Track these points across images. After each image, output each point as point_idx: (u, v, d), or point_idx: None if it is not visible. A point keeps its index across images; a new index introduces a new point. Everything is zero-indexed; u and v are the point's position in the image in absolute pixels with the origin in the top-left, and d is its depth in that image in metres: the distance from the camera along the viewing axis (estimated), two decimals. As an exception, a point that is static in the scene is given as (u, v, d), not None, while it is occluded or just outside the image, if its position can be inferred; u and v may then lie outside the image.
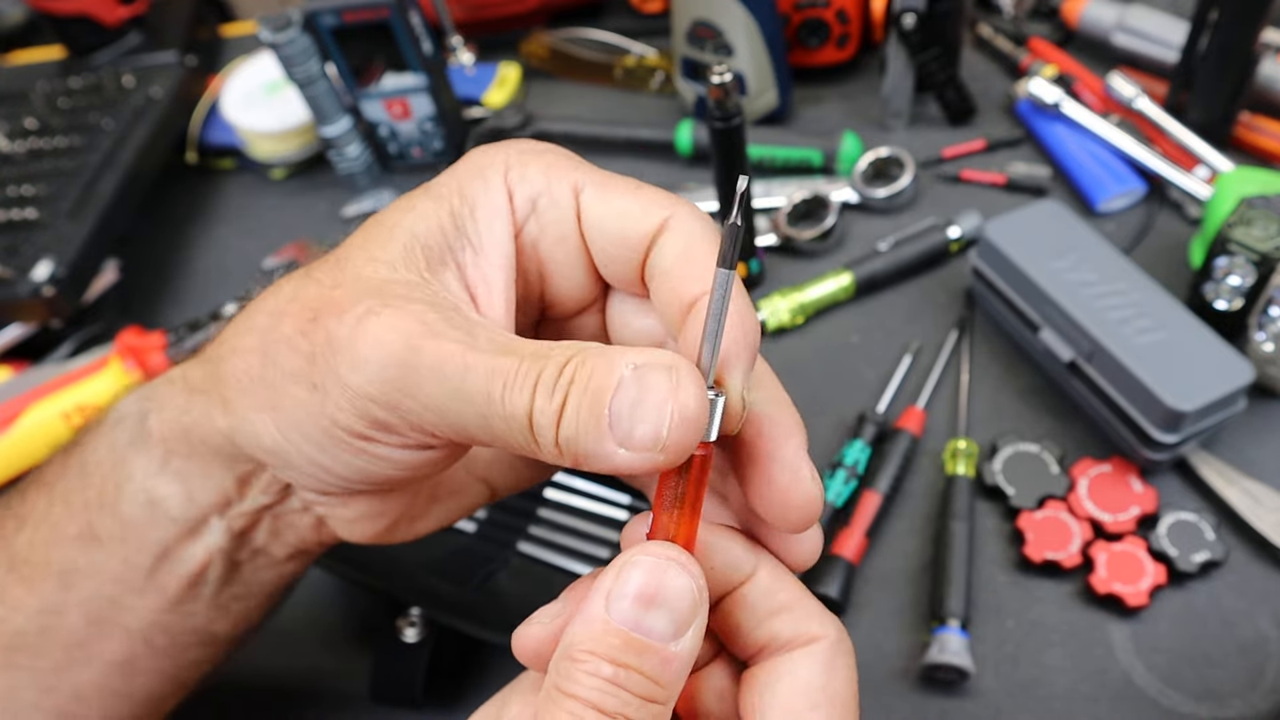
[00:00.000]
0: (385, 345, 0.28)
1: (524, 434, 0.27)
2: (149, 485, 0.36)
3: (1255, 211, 0.59)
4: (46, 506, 0.38)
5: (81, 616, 0.38)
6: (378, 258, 0.31)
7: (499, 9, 0.97)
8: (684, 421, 0.26)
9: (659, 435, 0.26)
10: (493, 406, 0.27)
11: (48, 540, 0.38)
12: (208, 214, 0.90)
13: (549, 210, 0.32)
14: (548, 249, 0.32)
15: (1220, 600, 0.55)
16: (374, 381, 0.29)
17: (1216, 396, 0.55)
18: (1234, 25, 0.69)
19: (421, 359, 0.28)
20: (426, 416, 0.29)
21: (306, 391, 0.30)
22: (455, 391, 0.28)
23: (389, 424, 0.30)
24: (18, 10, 1.15)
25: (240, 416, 0.33)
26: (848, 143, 0.79)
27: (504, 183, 0.32)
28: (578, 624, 0.26)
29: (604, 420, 0.26)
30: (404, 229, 0.31)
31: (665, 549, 0.27)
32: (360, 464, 0.32)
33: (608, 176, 0.32)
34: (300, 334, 0.31)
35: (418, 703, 0.53)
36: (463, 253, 0.31)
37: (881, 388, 0.67)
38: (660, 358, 0.26)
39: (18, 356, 0.77)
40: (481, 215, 0.32)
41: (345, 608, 0.60)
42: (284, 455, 0.33)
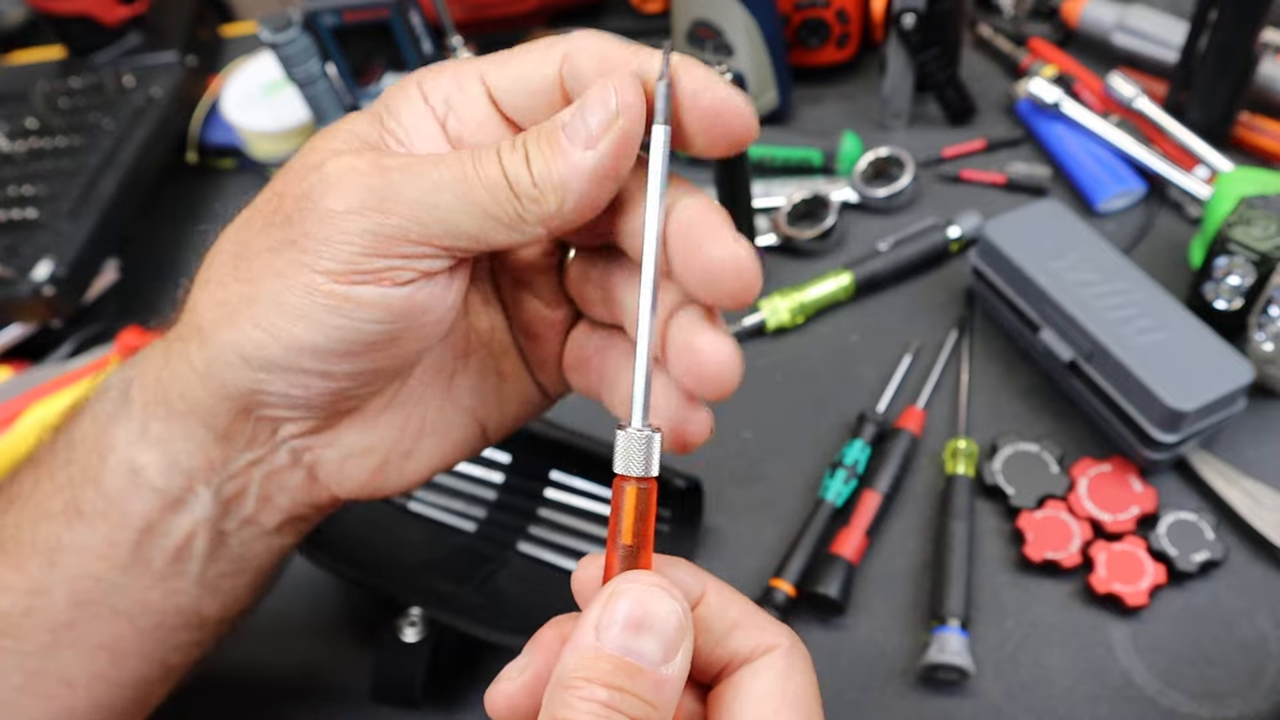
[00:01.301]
0: (355, 166, 0.30)
1: (505, 195, 0.29)
2: (130, 455, 0.36)
3: (1255, 211, 0.59)
4: (33, 484, 0.38)
5: (67, 596, 0.38)
6: (319, 147, 0.32)
7: (499, 9, 0.97)
8: (624, 81, 0.29)
9: (610, 106, 0.29)
10: (471, 182, 0.30)
11: (33, 518, 0.38)
12: (208, 214, 0.90)
13: (462, 103, 0.33)
14: (471, 137, 0.33)
15: (1220, 600, 0.55)
16: (357, 196, 0.30)
17: (1216, 396, 0.55)
18: (1234, 25, 0.69)
19: (392, 168, 0.30)
20: (414, 215, 0.30)
21: (285, 253, 0.31)
22: (433, 183, 0.30)
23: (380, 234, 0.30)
24: (18, 10, 1.15)
25: (216, 340, 0.33)
26: (848, 143, 0.79)
27: (419, 92, 0.33)
28: (569, 654, 0.27)
29: (561, 139, 0.29)
30: (341, 130, 0.33)
31: (648, 576, 0.28)
32: (344, 323, 0.31)
33: (506, 52, 0.33)
34: (273, 212, 0.32)
35: (418, 703, 0.53)
36: (397, 147, 0.33)
37: (881, 388, 0.67)
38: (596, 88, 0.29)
39: (18, 356, 0.77)
40: (408, 120, 0.33)
41: (345, 608, 0.60)
42: (264, 353, 0.32)
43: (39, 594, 0.38)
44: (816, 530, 0.59)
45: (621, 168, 0.30)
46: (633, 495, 0.29)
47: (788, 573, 0.57)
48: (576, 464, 0.62)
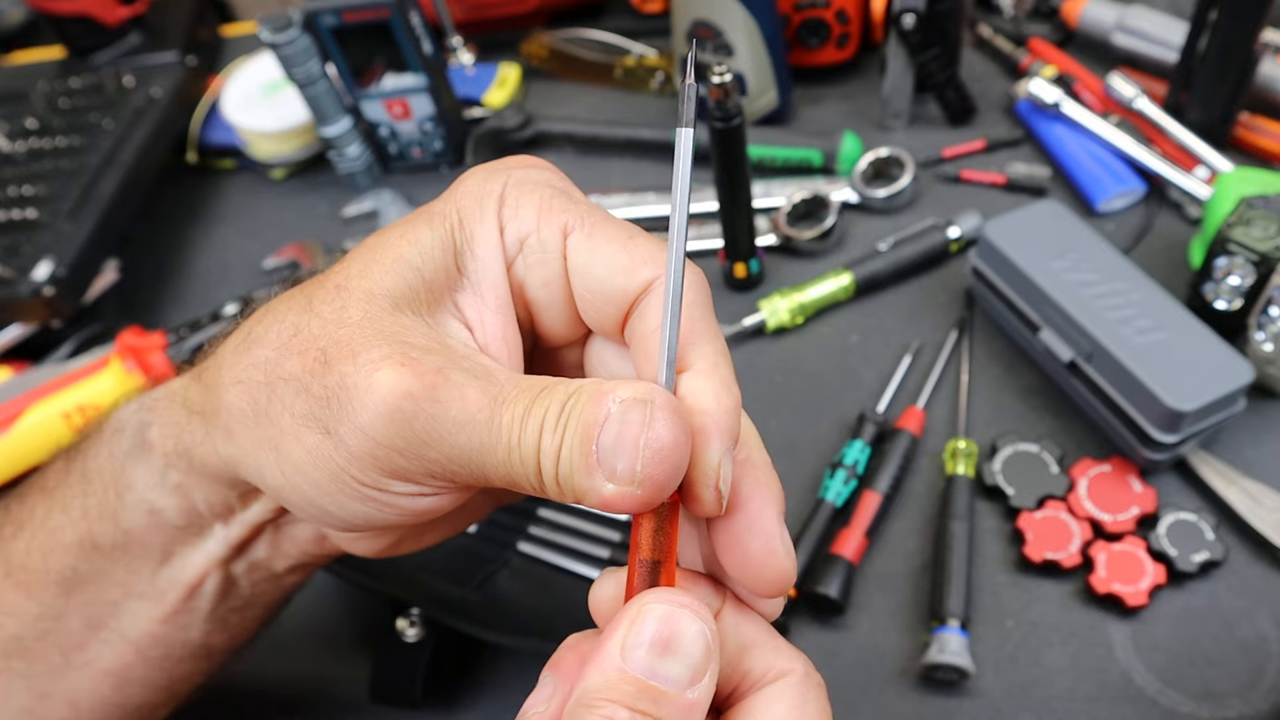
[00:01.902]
0: (410, 395, 0.28)
1: (535, 474, 0.28)
2: (149, 496, 0.36)
3: (1255, 211, 0.59)
4: (45, 513, 0.38)
5: (81, 621, 0.38)
6: (377, 294, 0.30)
7: (499, 9, 0.97)
8: (656, 455, 0.26)
9: (633, 470, 0.26)
10: (510, 453, 0.28)
11: (45, 547, 0.38)
12: (208, 214, 0.90)
13: (535, 252, 0.31)
14: (534, 290, 0.32)
15: (1220, 600, 0.55)
16: (397, 432, 0.28)
17: (1216, 396, 0.55)
18: (1234, 25, 0.69)
19: (447, 412, 0.28)
20: (449, 467, 0.29)
21: (317, 436, 0.30)
22: (480, 443, 0.28)
23: (407, 473, 0.29)
24: (18, 10, 1.15)
25: (243, 450, 0.32)
26: (848, 143, 0.79)
27: (497, 217, 0.32)
28: (593, 674, 0.26)
29: (591, 456, 0.27)
30: (405, 263, 0.31)
31: (676, 595, 0.27)
32: (367, 511, 0.31)
33: (600, 221, 0.31)
34: (309, 374, 0.30)
35: (418, 703, 0.53)
36: (460, 292, 0.31)
37: (881, 388, 0.67)
38: (641, 391, 0.27)
39: (18, 356, 0.77)
40: (480, 252, 0.31)
41: (345, 608, 0.60)
42: (285, 496, 0.32)
43: (53, 619, 0.38)
44: (816, 530, 0.59)
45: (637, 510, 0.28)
46: (652, 511, 0.28)
47: (788, 573, 0.57)
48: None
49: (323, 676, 0.57)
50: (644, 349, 0.30)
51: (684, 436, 0.27)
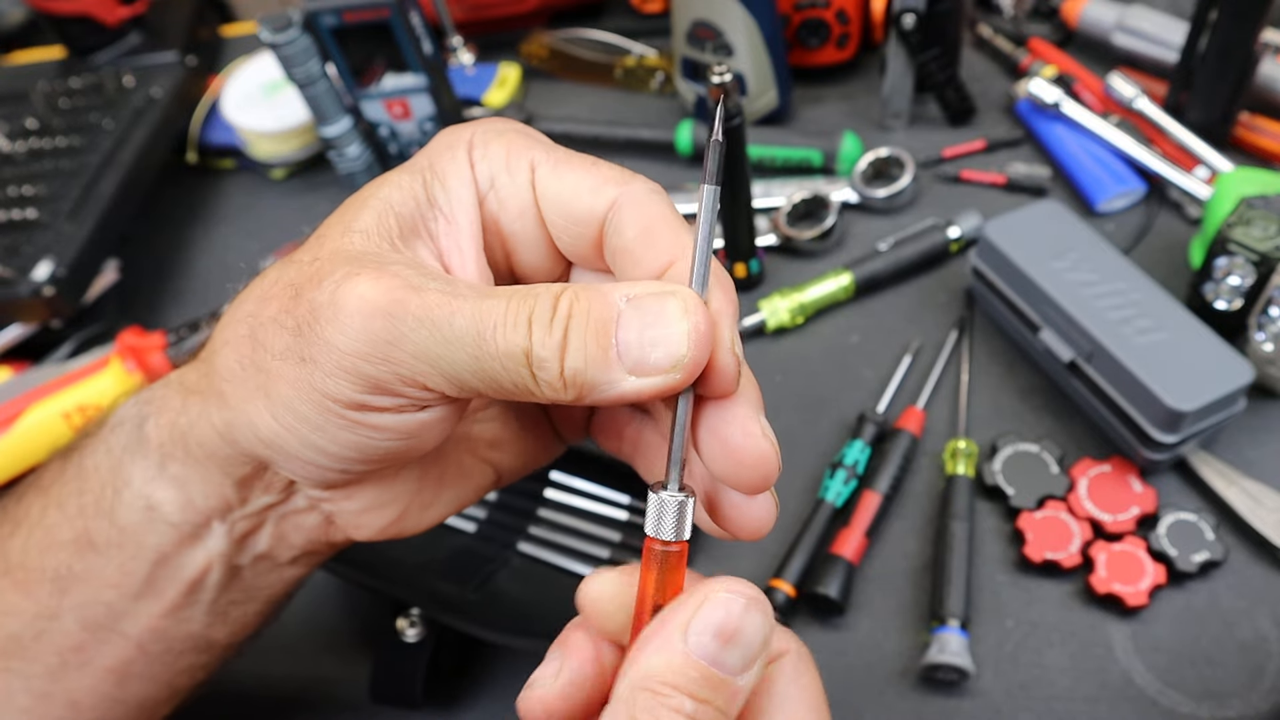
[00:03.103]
0: (367, 300, 0.28)
1: (521, 372, 0.28)
2: (146, 491, 0.36)
3: (1255, 211, 0.59)
4: (41, 511, 0.38)
5: (77, 622, 0.38)
6: (352, 228, 0.31)
7: (499, 9, 0.97)
8: (701, 339, 0.27)
9: (678, 355, 0.27)
10: (484, 347, 0.28)
11: (42, 546, 0.38)
12: (208, 214, 0.90)
13: (506, 187, 0.32)
14: (508, 224, 0.33)
15: (1220, 600, 0.55)
16: (360, 338, 0.29)
17: (1216, 396, 0.55)
18: (1234, 25, 0.69)
19: (405, 309, 0.28)
20: (418, 367, 0.29)
21: (296, 367, 0.30)
22: (444, 338, 0.28)
23: (380, 382, 0.29)
24: (18, 10, 1.15)
25: (235, 408, 0.33)
26: (848, 143, 0.79)
27: (468, 158, 0.33)
28: (656, 654, 0.26)
29: (611, 350, 0.27)
30: (378, 199, 0.32)
31: (744, 587, 0.27)
32: (357, 438, 0.31)
33: (565, 154, 0.33)
34: (285, 311, 0.31)
35: (418, 703, 0.53)
36: (434, 222, 0.32)
37: (881, 388, 0.67)
38: (657, 287, 0.28)
39: (18, 356, 0.77)
40: (452, 185, 0.32)
41: (345, 608, 0.60)
42: (281, 443, 0.32)
43: (49, 619, 0.38)
44: (816, 530, 0.59)
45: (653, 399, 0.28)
46: (659, 561, 0.28)
47: (788, 573, 0.57)
48: (576, 464, 0.62)
49: (323, 676, 0.57)
50: (629, 259, 0.31)
51: (710, 323, 0.27)
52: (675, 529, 0.29)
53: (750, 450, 0.29)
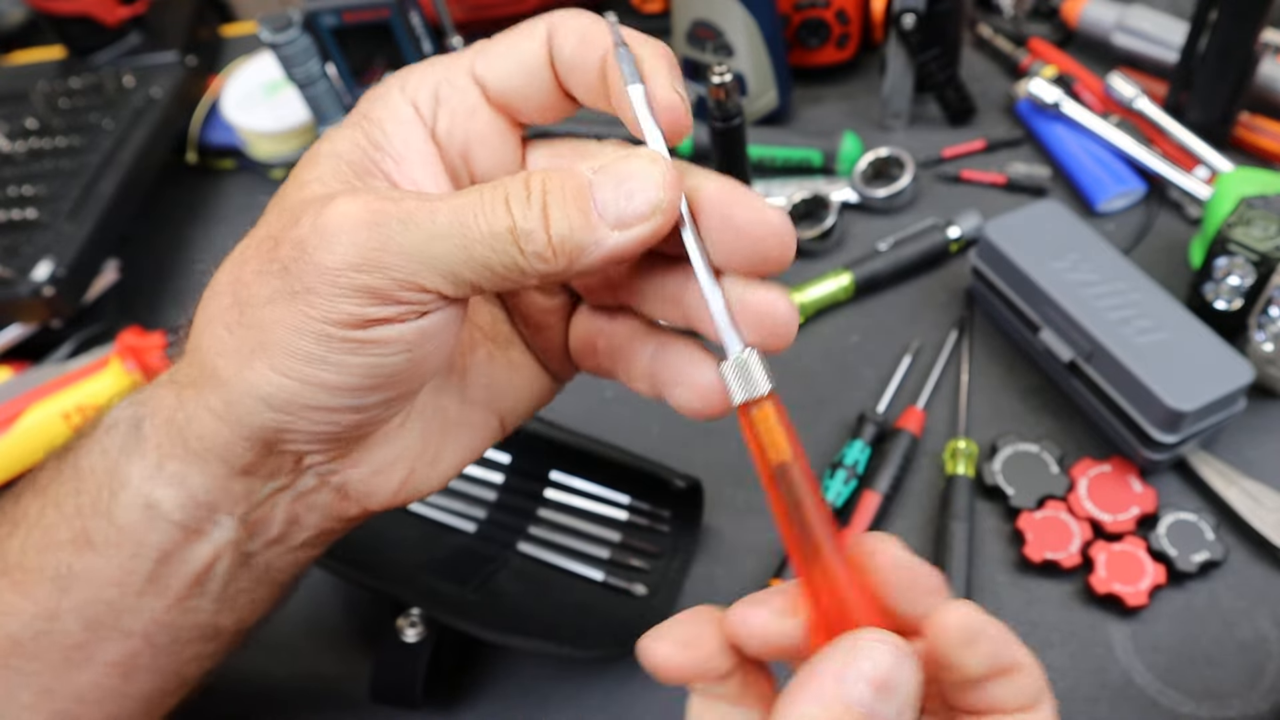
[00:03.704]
0: (350, 215, 0.29)
1: (509, 249, 0.29)
2: (145, 490, 0.36)
3: (1255, 211, 0.59)
4: (39, 511, 0.38)
5: (78, 621, 0.37)
6: (308, 180, 0.32)
7: (499, 9, 0.97)
8: (673, 182, 0.29)
9: (656, 198, 0.29)
10: (469, 233, 0.29)
11: (40, 546, 0.37)
12: (208, 214, 0.90)
13: (451, 95, 0.33)
14: (463, 128, 0.33)
15: (1220, 600, 0.55)
16: (352, 250, 0.29)
17: (1216, 396, 0.55)
18: (1234, 25, 0.69)
19: (388, 215, 0.29)
20: (411, 267, 0.29)
21: (289, 304, 0.30)
22: (429, 234, 0.29)
23: (377, 289, 0.30)
24: (18, 10, 1.15)
25: (232, 380, 0.32)
26: (848, 143, 0.79)
27: (403, 95, 0.33)
28: (811, 701, 0.26)
29: (592, 211, 0.29)
30: (324, 154, 0.33)
31: (891, 638, 0.27)
32: (363, 360, 0.31)
33: (488, 40, 0.33)
34: (267, 260, 0.31)
35: (418, 703, 0.53)
36: (384, 163, 0.33)
37: (881, 388, 0.67)
38: (620, 152, 0.29)
39: (18, 356, 0.77)
40: (391, 128, 0.33)
41: (345, 608, 0.60)
42: (286, 395, 0.32)
43: (49, 618, 0.37)
44: (816, 530, 0.59)
45: (638, 251, 0.29)
46: (770, 411, 0.29)
47: (788, 573, 0.57)
48: (576, 464, 0.62)
49: (323, 676, 0.57)
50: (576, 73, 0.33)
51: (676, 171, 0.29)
52: (759, 381, 0.29)
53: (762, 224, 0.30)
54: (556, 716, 0.55)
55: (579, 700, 0.55)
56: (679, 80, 0.31)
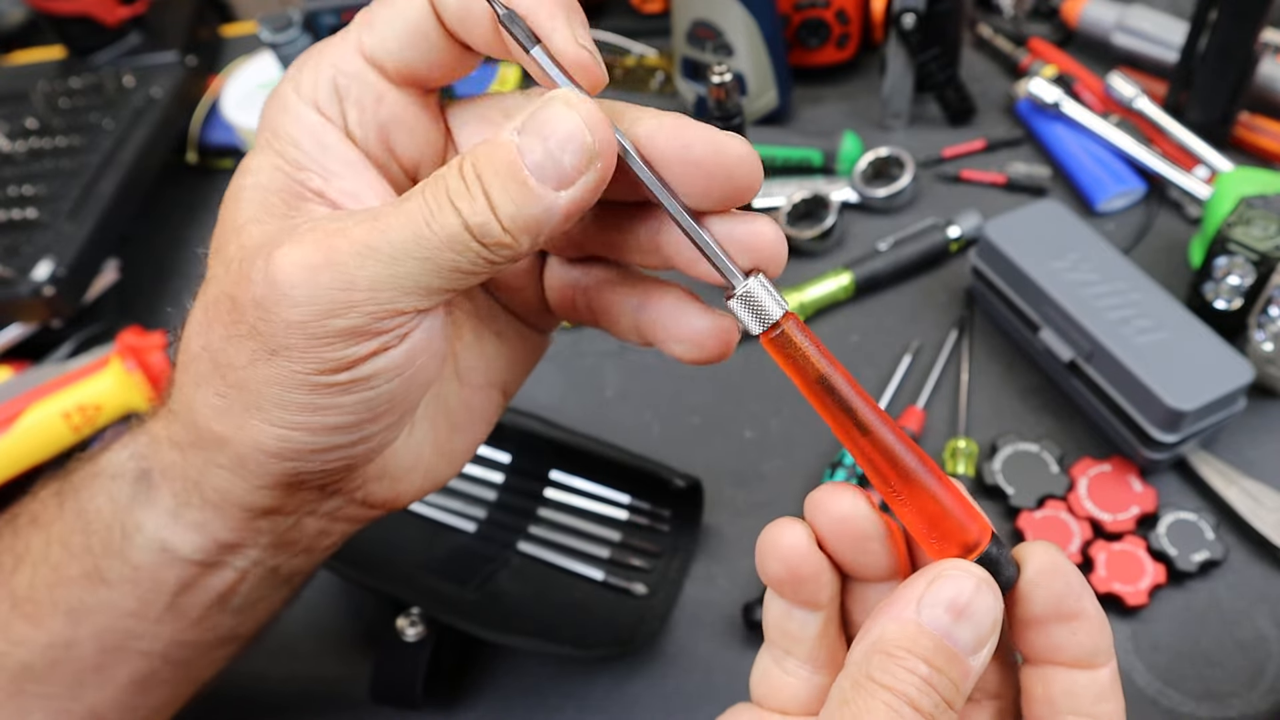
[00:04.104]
0: (300, 263, 0.28)
1: (471, 246, 0.28)
2: (161, 535, 0.35)
3: (1255, 211, 0.59)
4: (44, 547, 0.37)
5: (94, 648, 0.37)
6: (241, 226, 0.31)
7: (499, 9, 0.96)
8: (598, 122, 0.27)
9: (586, 145, 0.27)
10: (428, 244, 0.28)
11: (50, 581, 0.37)
12: (208, 214, 0.90)
13: (350, 86, 0.31)
14: (374, 116, 0.32)
15: (1220, 600, 0.55)
16: (315, 300, 0.28)
17: (1216, 396, 0.55)
18: (1234, 25, 0.69)
19: (340, 254, 0.28)
20: (382, 296, 0.28)
21: (269, 364, 0.30)
22: (390, 257, 0.28)
23: (354, 329, 0.29)
24: (18, 10, 1.15)
25: (235, 441, 0.32)
26: (848, 143, 0.79)
27: (301, 99, 0.31)
28: (890, 622, 0.27)
29: (530, 181, 0.27)
30: (248, 189, 0.31)
31: (975, 568, 0.27)
32: (359, 397, 0.31)
33: (369, 14, 0.31)
34: (232, 324, 0.30)
35: (418, 703, 0.53)
36: (311, 180, 0.31)
37: (881, 387, 0.67)
38: (534, 104, 0.27)
39: (18, 356, 0.77)
40: (304, 141, 0.31)
41: (345, 608, 0.60)
42: (292, 445, 0.31)
43: (63, 647, 0.37)
44: (816, 530, 0.59)
45: (594, 199, 0.28)
46: (792, 330, 0.28)
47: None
48: (576, 464, 0.62)
49: (323, 676, 0.57)
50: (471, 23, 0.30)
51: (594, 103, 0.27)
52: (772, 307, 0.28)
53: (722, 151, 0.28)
54: (556, 716, 0.55)
55: (579, 700, 0.55)
56: (582, 29, 0.28)
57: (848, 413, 0.28)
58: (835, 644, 0.31)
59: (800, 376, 0.29)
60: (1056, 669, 0.28)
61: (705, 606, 0.58)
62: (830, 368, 0.28)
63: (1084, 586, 0.28)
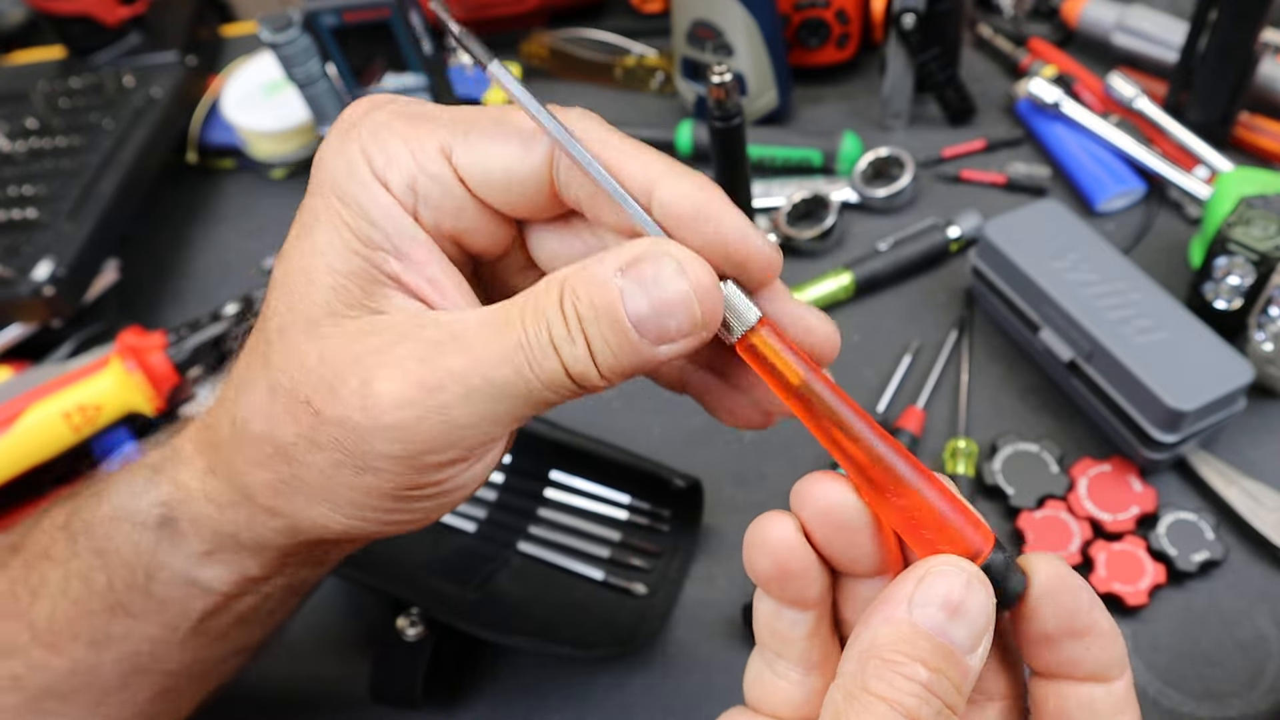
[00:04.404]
0: (401, 402, 0.27)
1: (568, 386, 0.28)
2: (189, 573, 0.35)
3: (1255, 211, 0.59)
4: (62, 582, 0.37)
5: (117, 670, 0.37)
6: (316, 316, 0.29)
7: (499, 9, 0.97)
8: (707, 292, 0.27)
9: (694, 317, 0.27)
10: (530, 386, 0.28)
11: (70, 615, 0.37)
12: (208, 214, 0.90)
13: (431, 190, 0.29)
14: (449, 223, 0.30)
15: (1220, 600, 0.55)
16: (416, 440, 0.28)
17: (1216, 396, 0.55)
18: (1234, 25, 0.69)
19: (440, 394, 0.27)
20: (480, 429, 0.28)
21: (355, 477, 0.29)
22: (491, 395, 0.28)
23: (450, 458, 0.29)
24: (18, 10, 1.15)
25: (294, 515, 0.32)
26: (848, 143, 0.79)
27: (375, 178, 0.29)
28: (882, 625, 0.26)
29: (630, 333, 0.27)
30: (320, 271, 0.29)
31: (963, 563, 0.26)
32: (435, 505, 0.31)
33: (469, 120, 0.30)
34: (312, 430, 0.29)
35: (418, 703, 0.53)
36: (387, 264, 0.29)
37: (881, 388, 0.67)
38: (636, 249, 0.27)
39: (18, 356, 0.77)
40: (377, 216, 0.29)
41: (345, 608, 0.60)
42: (357, 531, 0.32)
43: (85, 673, 0.37)
44: (816, 530, 0.59)
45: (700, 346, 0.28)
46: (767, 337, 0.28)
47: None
48: (577, 464, 0.62)
49: (323, 676, 0.57)
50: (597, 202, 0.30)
51: (707, 268, 0.27)
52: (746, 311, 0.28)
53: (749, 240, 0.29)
54: (556, 716, 0.55)
55: (579, 700, 0.55)
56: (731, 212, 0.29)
57: (833, 421, 0.28)
58: (828, 644, 0.30)
59: (778, 385, 0.28)
60: (1071, 683, 0.27)
61: (705, 606, 0.58)
62: (810, 375, 0.28)
63: (1094, 600, 0.27)
